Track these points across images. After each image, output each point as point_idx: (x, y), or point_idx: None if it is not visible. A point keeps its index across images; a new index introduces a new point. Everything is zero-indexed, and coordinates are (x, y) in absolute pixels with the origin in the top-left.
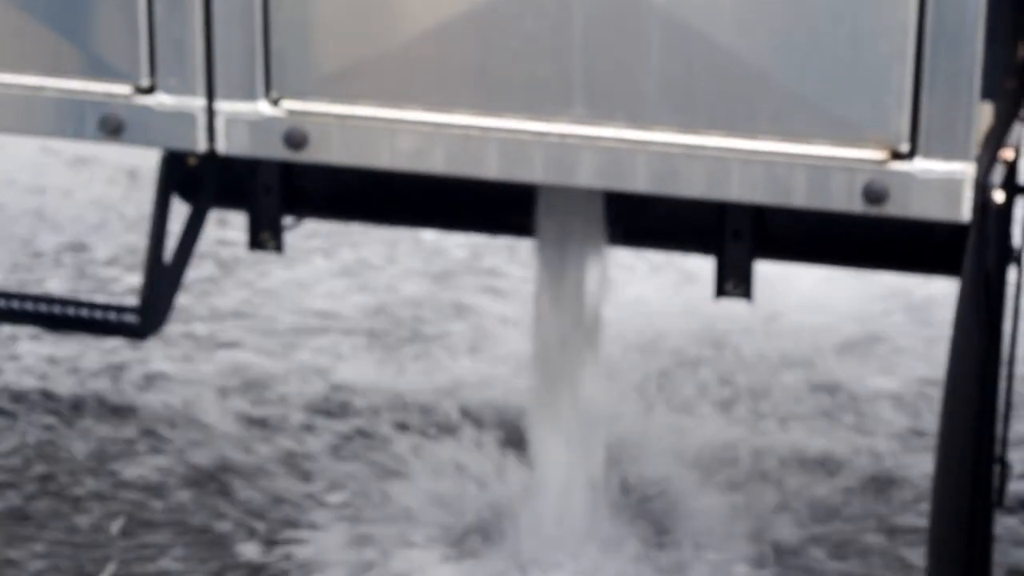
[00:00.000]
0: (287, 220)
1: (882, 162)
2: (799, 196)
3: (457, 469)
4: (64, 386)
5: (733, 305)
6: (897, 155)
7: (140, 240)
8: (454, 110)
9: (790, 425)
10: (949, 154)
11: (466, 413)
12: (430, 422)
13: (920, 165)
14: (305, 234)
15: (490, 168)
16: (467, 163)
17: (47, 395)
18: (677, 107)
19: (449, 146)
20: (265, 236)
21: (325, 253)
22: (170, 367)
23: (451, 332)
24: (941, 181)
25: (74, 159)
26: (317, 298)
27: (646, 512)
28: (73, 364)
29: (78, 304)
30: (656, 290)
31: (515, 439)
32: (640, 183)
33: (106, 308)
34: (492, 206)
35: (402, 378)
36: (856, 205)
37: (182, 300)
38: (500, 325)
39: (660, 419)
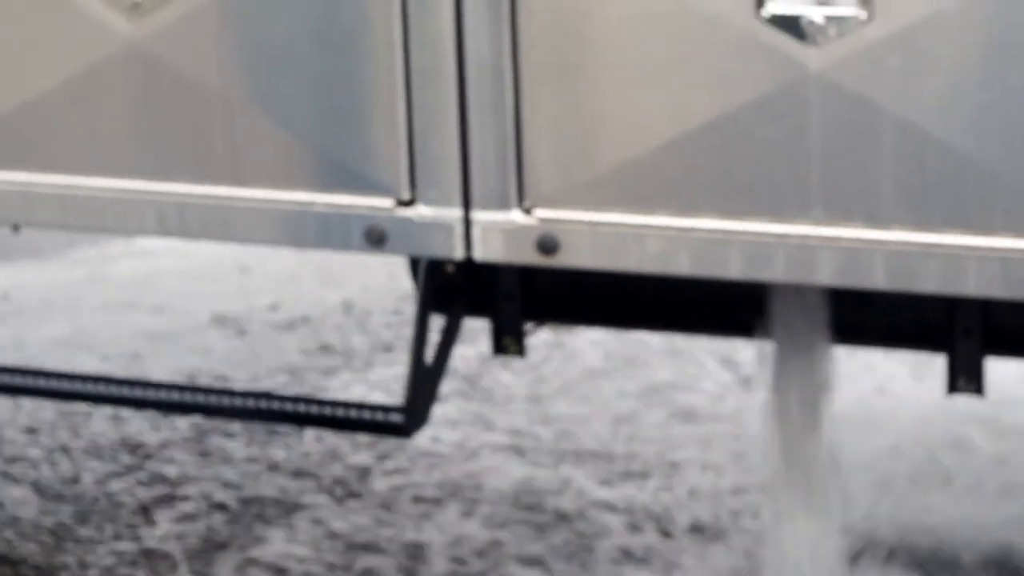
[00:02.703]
0: (528, 326)
1: None
2: None
3: None
4: None
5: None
6: None
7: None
8: (698, 214)
9: None
10: None
11: None
12: None
13: None
14: None
15: (733, 269)
16: (711, 265)
17: None
18: (912, 207)
19: (694, 249)
20: (508, 342)
21: None
22: None
23: None
24: None
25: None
26: None
27: None
28: None
29: (346, 405)
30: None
31: None
32: (878, 281)
33: (373, 408)
34: (727, 308)
35: None
36: None
37: None
38: None
39: None
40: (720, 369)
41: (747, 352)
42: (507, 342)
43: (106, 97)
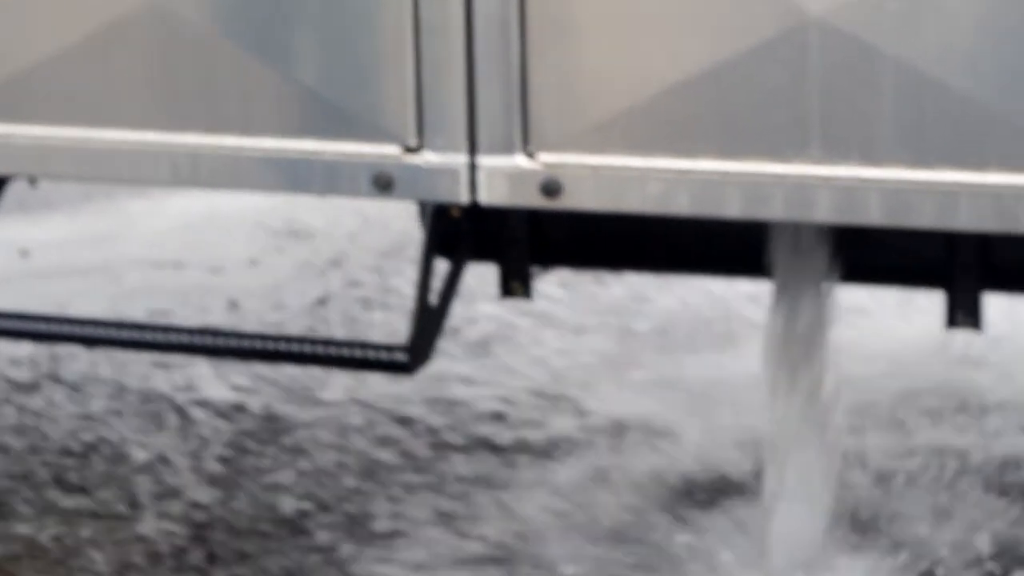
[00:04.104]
0: (534, 269)
1: None
2: None
3: None
4: None
5: None
6: None
7: None
8: (698, 156)
9: None
10: None
11: None
12: None
13: None
14: None
15: (732, 209)
16: (711, 205)
17: None
18: (909, 145)
19: (694, 190)
20: (515, 285)
21: None
22: None
23: None
24: None
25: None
26: None
27: None
28: None
29: (351, 344)
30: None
31: None
32: (874, 217)
33: (377, 347)
34: (732, 249)
35: None
36: None
37: None
38: None
39: None
40: None
41: None
42: (514, 286)
43: (120, 51)
